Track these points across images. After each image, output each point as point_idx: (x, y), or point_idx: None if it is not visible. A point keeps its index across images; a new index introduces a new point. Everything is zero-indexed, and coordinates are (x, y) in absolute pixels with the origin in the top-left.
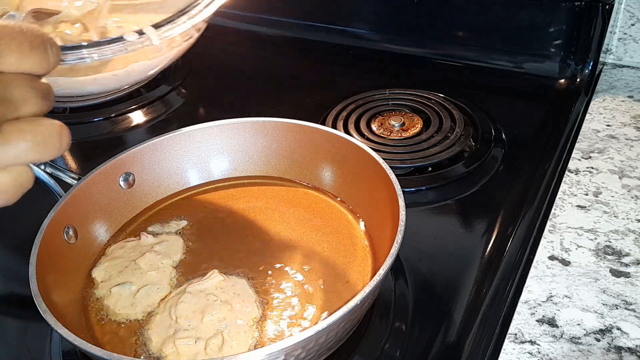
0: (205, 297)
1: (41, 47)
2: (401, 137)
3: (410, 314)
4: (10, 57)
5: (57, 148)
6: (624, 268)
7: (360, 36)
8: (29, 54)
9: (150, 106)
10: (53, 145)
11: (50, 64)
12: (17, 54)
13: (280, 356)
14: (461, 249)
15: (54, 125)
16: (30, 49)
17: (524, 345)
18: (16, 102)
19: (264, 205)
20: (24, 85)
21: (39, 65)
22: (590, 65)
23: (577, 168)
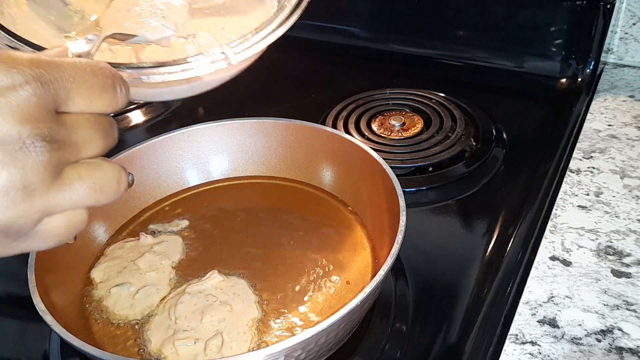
0: (205, 298)
1: (111, 89)
2: (401, 137)
3: (411, 315)
4: (79, 100)
5: (114, 194)
6: (625, 268)
7: (361, 36)
8: (98, 96)
9: (150, 106)
10: (110, 191)
11: (119, 104)
12: (87, 96)
13: (280, 357)
14: (462, 249)
15: (114, 170)
16: (101, 91)
17: (525, 345)
18: (79, 145)
19: (263, 205)
20: (89, 126)
21: (107, 107)
22: (591, 64)
23: (578, 168)
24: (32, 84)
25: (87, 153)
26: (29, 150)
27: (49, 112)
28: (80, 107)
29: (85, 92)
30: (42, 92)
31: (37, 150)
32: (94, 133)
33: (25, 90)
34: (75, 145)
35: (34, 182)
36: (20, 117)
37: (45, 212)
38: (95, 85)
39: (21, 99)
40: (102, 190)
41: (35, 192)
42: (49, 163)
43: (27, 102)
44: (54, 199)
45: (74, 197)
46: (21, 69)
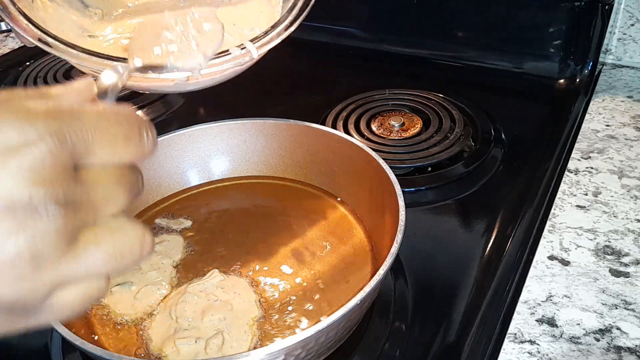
0: (206, 297)
1: (137, 136)
2: (401, 137)
3: (410, 314)
4: (101, 152)
5: (136, 259)
6: (623, 268)
7: (361, 37)
8: (122, 146)
9: (150, 106)
10: (132, 256)
11: (145, 153)
12: (109, 147)
13: (280, 356)
14: (461, 249)
15: (137, 232)
16: (125, 140)
17: (524, 345)
18: (98, 204)
19: (263, 205)
20: (110, 181)
21: (131, 157)
22: (589, 65)
23: (576, 168)
24: (48, 140)
25: (107, 211)
26: (41, 216)
27: (65, 171)
28: (102, 160)
29: (107, 143)
30: (59, 150)
31: (50, 216)
32: (115, 188)
33: (39, 148)
34: (94, 205)
35: (44, 252)
36: (32, 179)
37: (56, 284)
38: (118, 134)
39: (35, 158)
40: (122, 256)
41: (46, 263)
42: (63, 229)
43: (42, 161)
44: (67, 269)
45: (90, 265)
46: (36, 124)
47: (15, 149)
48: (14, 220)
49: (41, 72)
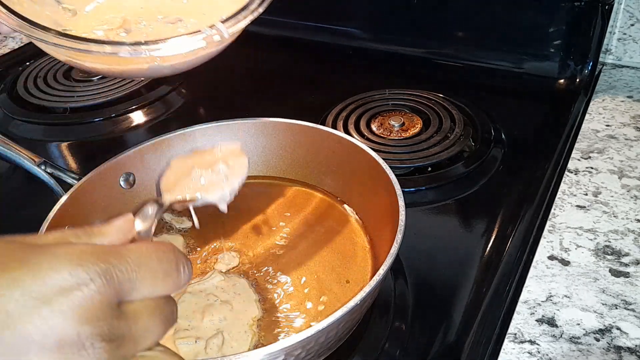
0: (206, 297)
1: (175, 272)
2: (401, 137)
3: (410, 314)
4: (143, 289)
5: None
6: (623, 268)
7: (360, 36)
8: (162, 281)
9: (150, 106)
10: None
11: (181, 285)
12: (151, 284)
13: (280, 356)
14: (461, 249)
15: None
16: (164, 276)
17: (524, 345)
18: (138, 337)
19: (263, 205)
20: (149, 314)
21: (170, 290)
22: (589, 65)
23: (576, 168)
24: (97, 281)
25: (145, 343)
26: (88, 353)
27: (111, 308)
28: (143, 295)
29: (149, 281)
30: (107, 289)
31: (96, 352)
32: (154, 321)
33: (90, 289)
34: (135, 337)
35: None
36: (81, 318)
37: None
38: (159, 271)
39: (85, 298)
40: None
41: None
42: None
43: (91, 301)
44: None
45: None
46: (87, 266)
47: (67, 291)
48: (63, 356)
49: (41, 72)
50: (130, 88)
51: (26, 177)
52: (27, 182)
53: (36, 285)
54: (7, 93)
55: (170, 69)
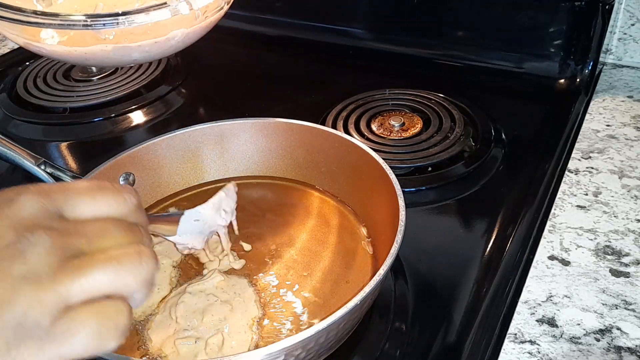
0: (206, 297)
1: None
2: (401, 137)
3: (410, 314)
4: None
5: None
6: (623, 268)
7: (361, 36)
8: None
9: (150, 106)
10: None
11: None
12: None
13: (280, 356)
14: (461, 249)
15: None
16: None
17: (524, 345)
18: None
19: (263, 205)
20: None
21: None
22: (590, 65)
23: (576, 168)
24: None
25: (100, 241)
26: (29, 241)
27: (48, 211)
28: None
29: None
30: (43, 200)
31: (36, 238)
32: (107, 224)
33: (27, 197)
34: (85, 233)
35: (37, 265)
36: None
37: (59, 298)
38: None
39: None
40: (122, 266)
41: (42, 278)
42: (52, 248)
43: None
44: (65, 281)
45: (86, 276)
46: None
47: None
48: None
49: (41, 72)
50: (130, 88)
51: (26, 177)
52: (26, 182)
53: None
54: (6, 93)
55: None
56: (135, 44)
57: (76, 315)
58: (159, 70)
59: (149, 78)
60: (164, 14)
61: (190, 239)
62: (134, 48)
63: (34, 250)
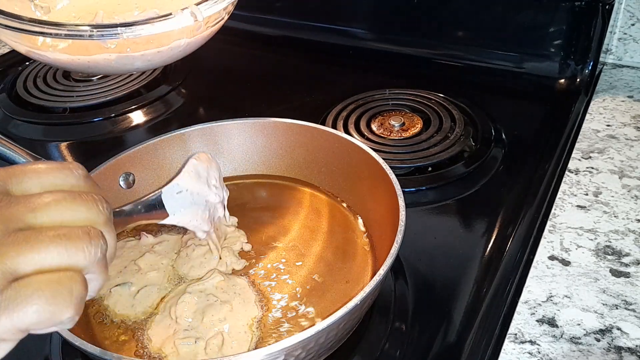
0: (205, 297)
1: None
2: (401, 137)
3: (410, 314)
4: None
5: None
6: (624, 268)
7: (360, 36)
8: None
9: (150, 106)
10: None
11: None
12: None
13: (280, 356)
14: (461, 249)
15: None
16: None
17: (524, 345)
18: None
19: (263, 205)
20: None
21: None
22: (590, 65)
23: (577, 168)
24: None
25: (49, 213)
26: None
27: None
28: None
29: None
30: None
31: None
32: (53, 195)
33: None
34: (31, 207)
35: None
36: None
37: (5, 269)
38: (39, 167)
39: None
40: (71, 242)
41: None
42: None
43: None
44: (10, 252)
45: (35, 249)
46: None
47: None
48: None
49: (41, 72)
50: (130, 88)
51: None
52: None
53: None
54: (6, 93)
55: (142, 61)
56: (139, 53)
57: (26, 283)
58: (159, 70)
59: (149, 78)
60: (170, 25)
61: (188, 215)
62: (137, 57)
63: None
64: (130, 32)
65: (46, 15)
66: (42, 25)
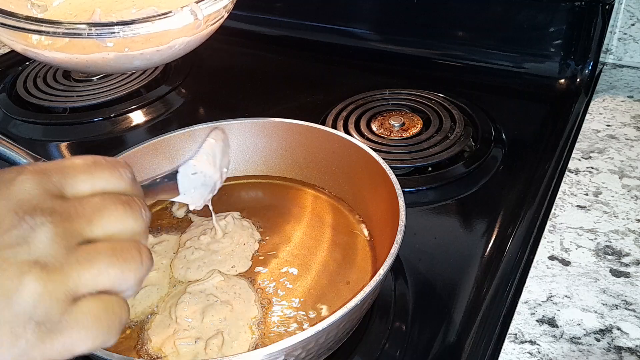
0: (206, 298)
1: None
2: (401, 137)
3: (410, 314)
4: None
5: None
6: (624, 268)
7: (360, 36)
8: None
9: (150, 106)
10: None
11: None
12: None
13: (280, 356)
14: (461, 249)
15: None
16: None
17: (524, 345)
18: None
19: (263, 205)
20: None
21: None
22: (590, 65)
23: (577, 168)
24: (32, 173)
25: (102, 222)
26: (30, 227)
27: (48, 192)
28: (84, 187)
29: (82, 171)
30: (42, 179)
31: (38, 224)
32: (106, 201)
33: (26, 177)
34: (85, 215)
35: (43, 255)
36: (20, 205)
37: (68, 289)
38: (90, 165)
39: (21, 187)
40: (127, 264)
41: (49, 267)
42: (55, 235)
43: (29, 190)
44: (73, 273)
45: (95, 270)
46: (22, 166)
47: (4, 183)
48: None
49: (41, 72)
50: (130, 88)
51: None
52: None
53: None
54: (6, 93)
55: (141, 60)
56: (138, 52)
57: (85, 308)
58: (159, 70)
59: (149, 78)
60: (170, 23)
61: (196, 196)
62: (135, 56)
63: (37, 237)
64: (130, 31)
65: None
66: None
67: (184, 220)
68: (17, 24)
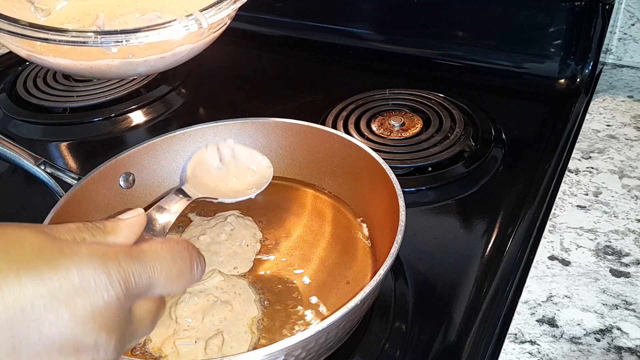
0: (206, 298)
1: (188, 271)
2: (401, 137)
3: (410, 314)
4: (156, 289)
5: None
6: (624, 268)
7: (360, 36)
8: (176, 281)
9: (150, 106)
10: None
11: (193, 282)
12: (164, 284)
13: (280, 356)
14: (461, 249)
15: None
16: (179, 276)
17: (524, 345)
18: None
19: (263, 205)
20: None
21: (180, 289)
22: (590, 65)
23: (577, 168)
24: (117, 289)
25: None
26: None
27: (125, 314)
28: (155, 294)
29: (163, 281)
30: (125, 296)
31: (109, 354)
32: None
33: (109, 295)
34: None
35: None
36: (100, 325)
37: None
38: (173, 271)
39: (104, 304)
40: None
41: None
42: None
43: (110, 307)
44: None
45: None
46: (109, 273)
47: (89, 294)
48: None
49: (41, 72)
50: (130, 88)
51: (26, 177)
52: (26, 182)
53: (59, 285)
54: (6, 93)
55: (145, 66)
56: (142, 59)
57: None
58: None
59: (149, 78)
60: (175, 32)
61: None
62: (140, 63)
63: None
64: (135, 39)
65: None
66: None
67: (184, 220)
68: (23, 31)
